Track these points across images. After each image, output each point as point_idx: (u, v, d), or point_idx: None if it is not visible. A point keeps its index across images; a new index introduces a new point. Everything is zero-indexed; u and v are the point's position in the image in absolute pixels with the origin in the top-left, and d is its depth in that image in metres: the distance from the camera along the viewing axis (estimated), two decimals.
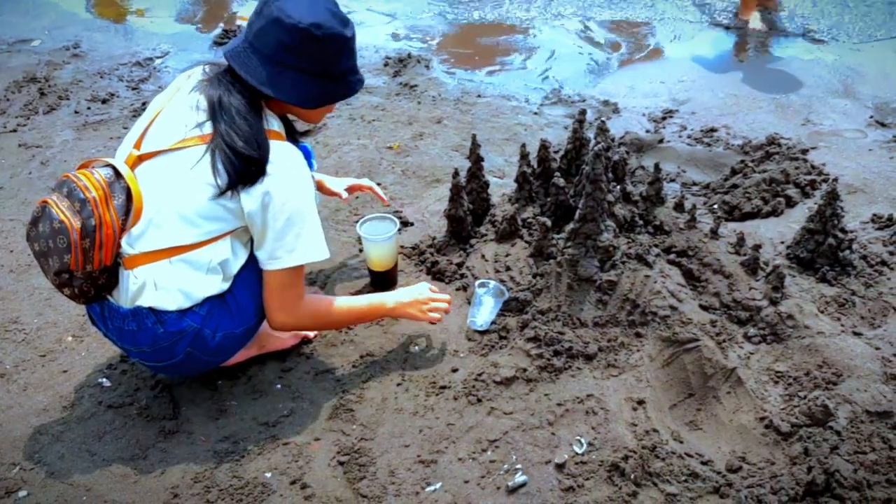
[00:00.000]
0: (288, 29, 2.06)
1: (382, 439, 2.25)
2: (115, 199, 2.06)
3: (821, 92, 4.33)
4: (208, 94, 2.13)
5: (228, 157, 2.04)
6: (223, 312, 2.20)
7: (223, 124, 2.07)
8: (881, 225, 3.04)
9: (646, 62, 4.85)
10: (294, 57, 2.10)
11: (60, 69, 4.86)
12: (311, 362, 2.52)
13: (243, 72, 2.11)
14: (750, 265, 2.66)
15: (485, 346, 2.54)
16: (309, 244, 2.17)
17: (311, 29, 2.07)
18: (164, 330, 2.14)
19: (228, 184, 2.05)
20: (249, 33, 2.15)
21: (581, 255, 2.56)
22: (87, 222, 2.01)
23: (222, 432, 2.29)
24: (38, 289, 2.90)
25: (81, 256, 2.02)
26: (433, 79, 4.65)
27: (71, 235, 1.99)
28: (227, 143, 2.04)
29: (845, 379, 2.31)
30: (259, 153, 2.06)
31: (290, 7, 2.08)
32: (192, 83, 2.21)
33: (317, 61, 2.13)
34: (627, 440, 2.18)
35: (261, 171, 2.07)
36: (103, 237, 2.03)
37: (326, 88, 2.20)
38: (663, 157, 3.69)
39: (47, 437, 2.29)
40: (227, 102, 2.09)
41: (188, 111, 2.14)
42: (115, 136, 3.99)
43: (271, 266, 2.16)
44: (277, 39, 2.08)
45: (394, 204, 3.35)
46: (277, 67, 2.11)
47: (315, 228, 2.18)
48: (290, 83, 2.13)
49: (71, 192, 2.04)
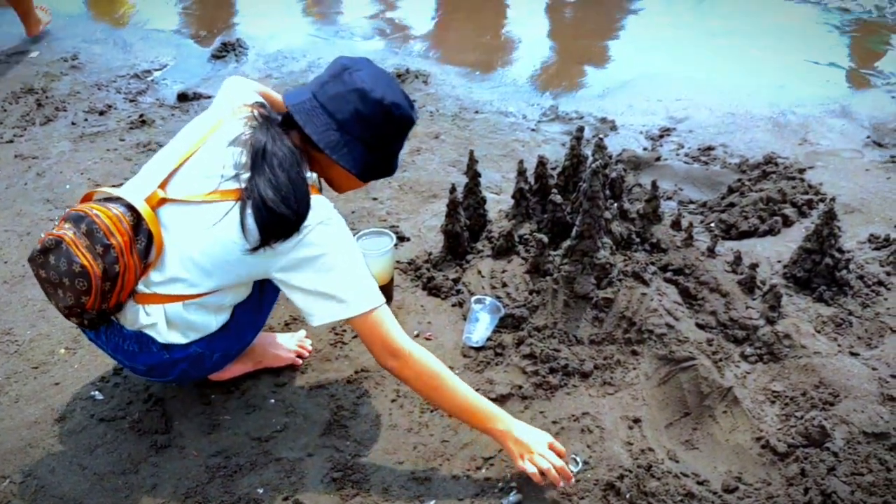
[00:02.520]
0: (370, 103, 2.06)
1: (376, 456, 2.23)
2: (139, 244, 2.02)
3: (818, 111, 4.34)
4: (253, 140, 2.01)
5: (261, 212, 1.93)
6: (224, 336, 2.20)
7: (262, 178, 1.96)
8: (878, 245, 3.04)
9: (644, 80, 4.86)
10: (367, 129, 2.09)
11: (58, 80, 4.85)
12: (305, 377, 2.50)
13: (310, 129, 2.05)
14: (747, 284, 2.65)
15: (480, 362, 2.53)
16: (350, 294, 2.04)
17: (391, 108, 2.08)
18: (169, 356, 2.14)
19: (259, 242, 1.97)
20: (320, 93, 2.09)
21: (577, 273, 2.56)
22: (111, 268, 1.97)
23: (215, 447, 2.27)
24: (32, 300, 2.89)
25: (100, 299, 2.00)
26: (431, 94, 4.65)
27: (93, 281, 1.95)
28: (262, 197, 1.93)
29: (842, 399, 2.30)
30: (295, 211, 1.96)
31: (371, 82, 2.08)
32: (236, 124, 2.09)
33: (383, 138, 2.14)
34: (623, 459, 2.16)
35: (295, 229, 1.98)
36: (125, 282, 2.02)
37: (379, 164, 2.20)
38: (660, 174, 3.69)
39: (38, 451, 2.27)
40: (271, 152, 1.99)
41: (228, 158, 2.03)
42: (111, 148, 3.98)
43: (318, 322, 2.06)
44: (355, 109, 2.06)
45: (390, 219, 3.35)
46: (346, 136, 2.08)
47: (356, 276, 2.06)
48: (357, 153, 2.10)
49: (91, 232, 1.97)
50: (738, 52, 5.21)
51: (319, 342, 2.64)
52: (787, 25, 5.61)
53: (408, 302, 2.82)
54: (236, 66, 5.05)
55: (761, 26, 5.58)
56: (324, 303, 2.03)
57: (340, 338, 2.66)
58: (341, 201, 3.37)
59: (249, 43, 5.36)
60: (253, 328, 2.31)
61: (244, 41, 5.35)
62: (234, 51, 5.21)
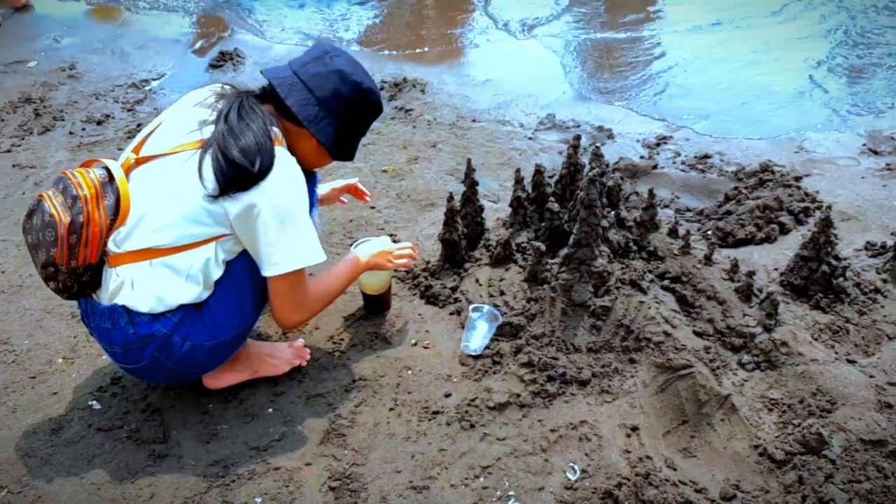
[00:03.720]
0: (349, 84, 2.27)
1: (374, 465, 2.23)
2: (106, 199, 2.11)
3: (814, 120, 4.35)
4: (221, 103, 2.19)
5: (219, 162, 2.07)
6: (195, 322, 2.20)
7: (223, 128, 2.11)
8: (874, 252, 3.05)
9: (641, 88, 4.87)
10: (344, 109, 2.28)
11: (56, 90, 4.86)
12: (303, 386, 2.50)
13: (290, 101, 2.23)
14: (744, 292, 2.66)
15: (478, 370, 2.53)
16: (305, 246, 2.18)
17: (368, 93, 2.31)
18: (134, 331, 2.16)
19: (218, 190, 2.07)
20: (301, 71, 2.27)
21: (575, 281, 2.56)
22: (77, 218, 2.06)
23: (213, 456, 2.26)
24: (30, 310, 2.89)
25: (67, 252, 2.07)
26: (428, 103, 4.66)
27: (59, 230, 2.05)
28: (221, 148, 2.07)
29: (839, 407, 2.30)
30: (255, 161, 2.07)
31: (350, 67, 2.29)
32: (203, 94, 2.27)
33: (356, 120, 2.34)
34: (621, 467, 2.16)
35: (254, 182, 2.08)
36: (90, 234, 2.08)
37: (346, 144, 2.37)
38: (657, 183, 3.70)
39: (36, 460, 2.26)
40: (237, 109, 2.15)
41: (192, 118, 2.20)
42: (109, 158, 3.98)
43: (272, 272, 2.16)
44: (335, 88, 2.25)
45: (388, 227, 3.35)
46: (324, 111, 2.25)
47: (309, 231, 2.20)
48: (332, 129, 2.28)
49: (66, 188, 2.11)
50: (734, 59, 5.24)
51: (317, 351, 2.64)
52: (782, 31, 5.64)
53: (406, 310, 2.82)
54: (234, 74, 5.06)
55: (756, 33, 5.61)
56: (275, 253, 2.14)
57: (338, 346, 2.66)
58: (339, 210, 3.38)
59: (247, 52, 5.38)
60: (230, 326, 2.26)
61: (242, 50, 5.37)
62: (231, 60, 5.23)
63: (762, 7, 6.06)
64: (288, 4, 6.42)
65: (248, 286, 2.26)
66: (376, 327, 2.74)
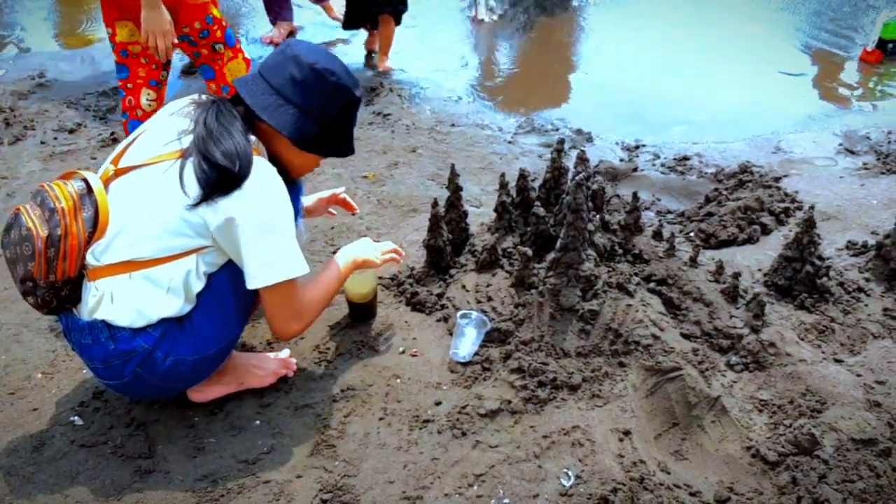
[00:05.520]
0: (302, 66, 2.15)
1: (366, 475, 2.19)
2: (85, 212, 2.07)
3: (790, 121, 4.39)
4: (197, 112, 2.15)
5: (201, 166, 2.02)
6: (177, 336, 2.15)
7: (203, 132, 2.07)
8: (856, 251, 3.07)
9: (618, 91, 4.89)
10: (300, 95, 2.16)
11: (25, 99, 4.77)
12: (290, 397, 2.46)
13: (245, 95, 2.16)
14: (730, 293, 2.67)
15: (468, 377, 2.51)
16: (289, 257, 2.13)
17: (324, 72, 2.16)
18: (115, 347, 2.11)
19: (200, 196, 2.02)
20: (262, 68, 2.22)
21: (563, 285, 2.55)
22: (54, 232, 2.02)
23: (200, 471, 2.22)
24: (6, 324, 2.82)
25: (45, 266, 2.03)
26: (406, 108, 4.64)
27: (36, 243, 2.00)
28: (202, 152, 2.03)
29: (829, 407, 2.31)
30: (238, 168, 2.03)
31: (307, 52, 2.18)
32: (182, 104, 2.23)
33: (320, 106, 2.20)
34: (615, 472, 2.15)
35: (237, 184, 2.03)
36: (68, 248, 2.04)
37: (320, 136, 2.23)
38: (637, 185, 3.71)
39: (17, 479, 2.20)
40: (214, 114, 2.10)
41: (171, 128, 2.15)
42: (82, 167, 3.91)
43: (257, 284, 2.11)
44: (289, 73, 2.16)
45: (370, 234, 3.32)
46: (281, 99, 2.17)
47: (292, 241, 2.15)
48: (289, 117, 2.17)
49: (43, 201, 2.06)
50: (708, 63, 5.28)
51: (303, 361, 2.60)
52: (756, 35, 5.69)
53: (392, 318, 2.79)
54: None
55: (730, 37, 5.66)
56: (260, 264, 2.09)
57: (325, 356, 2.63)
58: (320, 217, 3.33)
59: None
60: (214, 341, 2.22)
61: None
62: None
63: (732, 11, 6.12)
64: (262, 15, 6.37)
65: (231, 299, 2.21)
66: (363, 336, 2.71)
